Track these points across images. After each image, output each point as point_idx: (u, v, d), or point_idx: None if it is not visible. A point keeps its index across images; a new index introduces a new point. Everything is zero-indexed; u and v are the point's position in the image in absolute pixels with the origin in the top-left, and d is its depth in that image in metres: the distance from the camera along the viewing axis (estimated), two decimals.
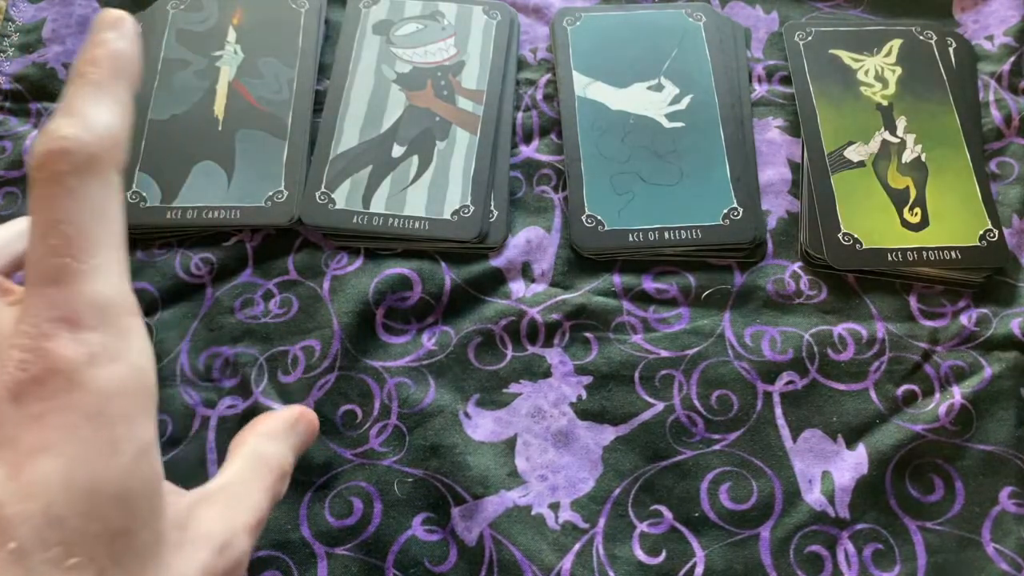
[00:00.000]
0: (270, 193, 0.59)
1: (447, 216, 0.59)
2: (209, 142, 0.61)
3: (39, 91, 0.66)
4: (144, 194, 0.59)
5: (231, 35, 0.66)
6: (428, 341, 0.56)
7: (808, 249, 0.59)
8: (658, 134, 0.63)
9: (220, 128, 0.61)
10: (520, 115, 0.65)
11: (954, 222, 0.59)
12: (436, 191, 0.60)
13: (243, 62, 0.65)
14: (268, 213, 0.59)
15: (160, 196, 0.59)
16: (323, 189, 0.60)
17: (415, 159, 0.62)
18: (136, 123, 0.63)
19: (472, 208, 0.60)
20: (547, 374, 0.55)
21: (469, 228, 0.59)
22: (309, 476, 0.53)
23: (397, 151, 0.62)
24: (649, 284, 0.58)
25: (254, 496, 0.37)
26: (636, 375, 0.55)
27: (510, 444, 0.54)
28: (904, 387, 0.55)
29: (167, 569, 0.30)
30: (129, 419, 0.28)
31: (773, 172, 0.63)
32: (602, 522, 0.51)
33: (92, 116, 0.29)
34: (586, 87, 0.65)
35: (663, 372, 0.55)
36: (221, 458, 0.53)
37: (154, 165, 0.60)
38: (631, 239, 0.59)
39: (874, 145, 0.62)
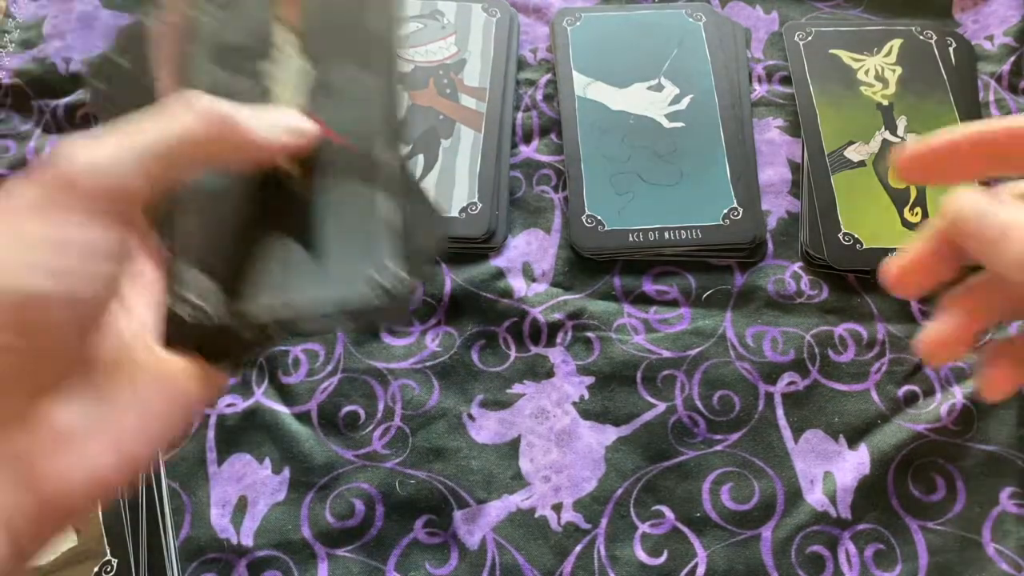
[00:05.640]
0: (374, 277, 0.36)
1: (455, 214, 0.59)
2: (280, 207, 0.37)
3: (40, 87, 0.66)
4: (198, 299, 0.35)
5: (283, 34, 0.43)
6: (432, 343, 0.56)
7: (808, 249, 0.59)
8: (658, 134, 0.63)
9: (293, 185, 0.38)
10: (520, 115, 0.65)
11: None
12: (443, 189, 0.60)
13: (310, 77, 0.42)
14: (376, 311, 0.35)
15: (223, 298, 0.36)
16: None
17: (420, 158, 0.62)
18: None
19: (480, 205, 0.60)
20: (550, 374, 0.55)
21: (477, 225, 0.59)
22: (310, 477, 0.52)
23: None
24: (649, 286, 0.58)
25: None
26: (638, 375, 0.55)
27: (514, 445, 0.54)
28: (905, 387, 0.55)
29: None
30: None
31: (773, 172, 0.63)
32: (604, 522, 0.51)
33: None
34: (586, 87, 0.65)
35: (665, 372, 0.55)
36: (221, 457, 0.53)
37: (209, 249, 0.36)
38: (631, 239, 0.59)
39: (874, 145, 0.62)
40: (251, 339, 0.33)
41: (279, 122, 0.33)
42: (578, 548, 0.51)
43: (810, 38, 0.67)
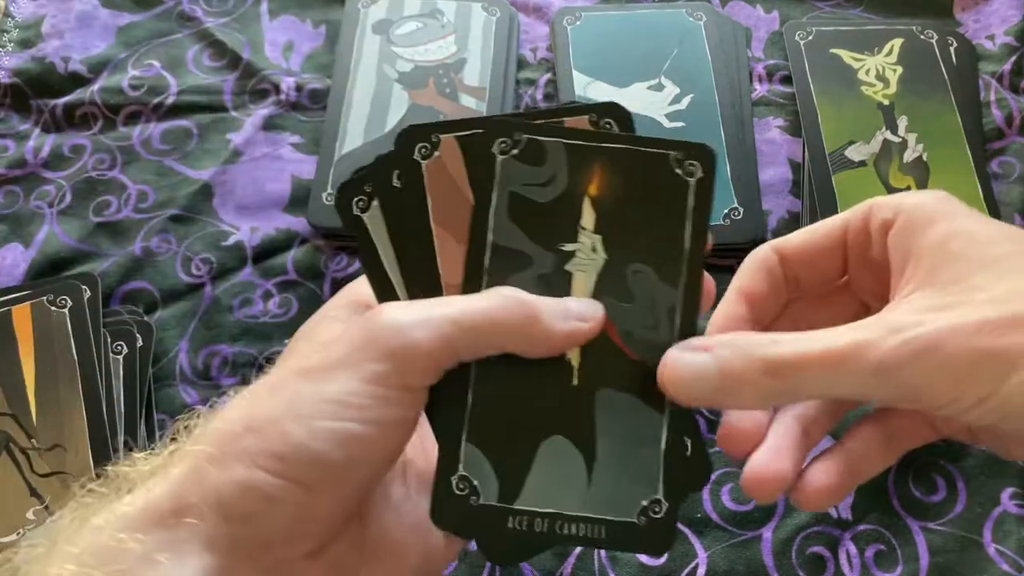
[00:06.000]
0: (644, 503, 0.34)
1: None
2: (560, 405, 0.35)
3: (39, 86, 0.66)
4: (476, 483, 0.34)
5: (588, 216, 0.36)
6: None
7: None
8: (658, 134, 0.63)
9: (576, 381, 0.35)
10: None
11: None
12: None
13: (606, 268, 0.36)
14: (641, 536, 0.34)
15: (497, 490, 0.34)
16: (329, 191, 0.60)
17: None
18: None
19: None
20: None
21: None
22: None
23: None
24: None
25: None
26: None
27: None
28: None
29: None
30: None
31: (774, 172, 0.62)
32: None
33: None
34: (586, 87, 0.65)
35: None
36: None
37: (490, 436, 0.34)
38: None
39: (875, 144, 0.62)
40: (511, 531, 0.33)
41: (573, 315, 0.33)
42: (578, 549, 0.50)
43: (811, 37, 0.67)
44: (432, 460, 0.33)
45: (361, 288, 0.36)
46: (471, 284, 0.34)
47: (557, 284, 0.34)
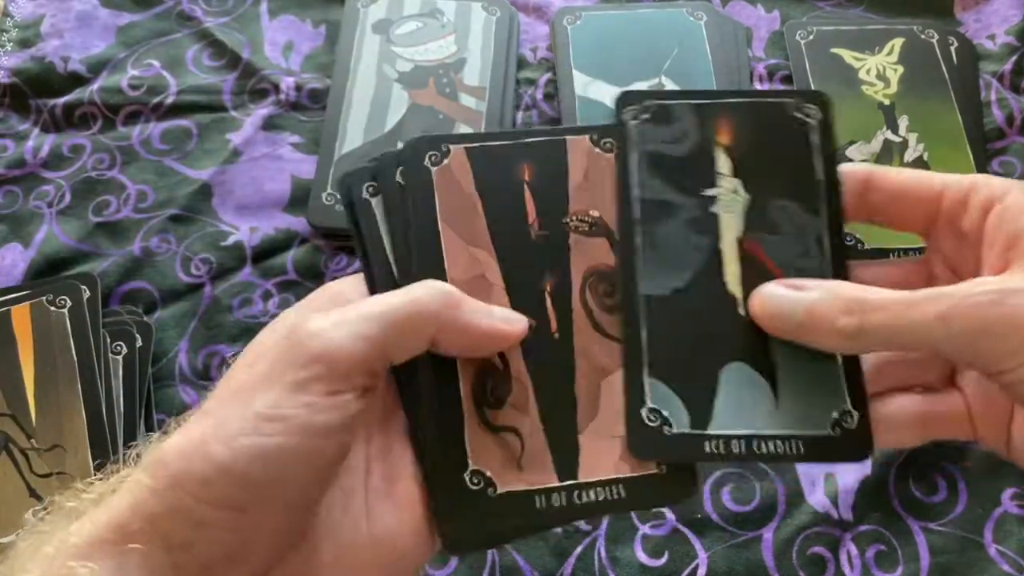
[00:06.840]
0: (835, 415, 0.36)
1: None
2: (732, 334, 0.37)
3: (38, 86, 0.66)
4: (666, 414, 0.36)
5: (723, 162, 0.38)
6: None
7: None
8: None
9: (742, 311, 0.36)
10: (520, 114, 0.65)
11: None
12: None
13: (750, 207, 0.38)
14: (838, 446, 0.36)
15: (688, 418, 0.36)
16: (329, 191, 0.60)
17: None
18: (629, 299, 0.37)
19: None
20: None
21: None
22: None
23: None
24: None
25: None
26: None
27: None
28: None
29: None
30: None
31: None
32: (604, 523, 0.51)
33: None
34: (586, 86, 0.65)
35: None
36: None
37: (670, 369, 0.36)
38: None
39: (876, 144, 0.62)
40: (710, 453, 0.34)
41: (497, 316, 0.34)
42: (578, 549, 0.50)
43: (811, 37, 0.67)
44: (398, 465, 0.34)
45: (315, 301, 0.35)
46: (625, 237, 0.36)
47: (706, 225, 0.36)
